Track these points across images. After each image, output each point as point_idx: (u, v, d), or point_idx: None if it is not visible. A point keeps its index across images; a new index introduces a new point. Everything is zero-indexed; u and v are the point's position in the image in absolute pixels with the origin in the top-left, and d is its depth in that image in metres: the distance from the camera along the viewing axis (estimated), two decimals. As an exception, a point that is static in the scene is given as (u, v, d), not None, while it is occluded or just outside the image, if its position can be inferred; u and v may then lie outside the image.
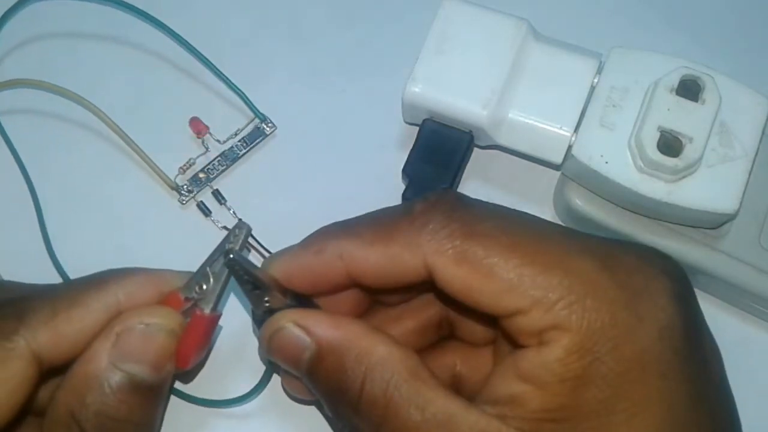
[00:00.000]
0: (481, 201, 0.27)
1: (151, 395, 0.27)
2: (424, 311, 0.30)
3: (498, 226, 0.25)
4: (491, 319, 0.26)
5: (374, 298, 0.30)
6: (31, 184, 0.36)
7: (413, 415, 0.24)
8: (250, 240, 0.35)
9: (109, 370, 0.26)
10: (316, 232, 0.28)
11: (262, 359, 0.33)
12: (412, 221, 0.26)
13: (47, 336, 0.26)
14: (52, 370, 0.27)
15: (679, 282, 0.26)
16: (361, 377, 0.25)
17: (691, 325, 0.25)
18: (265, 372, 0.32)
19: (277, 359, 0.27)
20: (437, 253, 0.25)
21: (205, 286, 0.28)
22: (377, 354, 0.25)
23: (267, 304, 0.27)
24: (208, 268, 0.29)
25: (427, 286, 0.26)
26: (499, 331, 0.27)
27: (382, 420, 0.24)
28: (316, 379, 0.26)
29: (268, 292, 0.27)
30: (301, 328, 0.26)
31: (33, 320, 0.26)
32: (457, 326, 0.31)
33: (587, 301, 0.24)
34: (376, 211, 0.28)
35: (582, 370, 0.24)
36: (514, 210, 0.27)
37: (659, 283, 0.25)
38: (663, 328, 0.24)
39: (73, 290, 0.27)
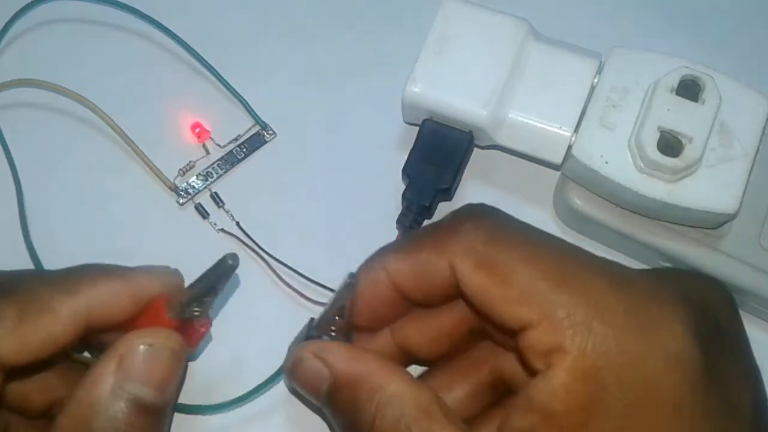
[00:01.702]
0: (510, 216, 0.28)
1: (156, 417, 0.27)
2: (458, 315, 0.30)
3: (521, 238, 0.26)
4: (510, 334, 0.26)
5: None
6: (18, 180, 0.36)
7: None
8: (247, 240, 0.35)
9: (114, 393, 0.26)
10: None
11: (285, 383, 0.33)
12: (442, 229, 0.27)
13: (12, 344, 0.25)
14: (14, 373, 0.26)
15: (703, 311, 0.25)
16: (372, 412, 0.25)
17: (716, 357, 0.24)
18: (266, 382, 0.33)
19: (297, 387, 0.28)
20: (461, 256, 0.26)
21: (197, 309, 0.28)
22: (390, 390, 0.25)
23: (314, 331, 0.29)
24: (211, 286, 0.28)
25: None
26: (517, 352, 0.27)
27: None
28: (333, 408, 0.27)
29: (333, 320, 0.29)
30: (320, 359, 0.27)
31: None
32: (489, 334, 0.30)
33: (594, 323, 0.23)
34: (420, 228, 0.29)
35: (587, 399, 0.23)
36: (541, 229, 0.27)
37: (676, 312, 0.24)
38: (677, 359, 0.23)
39: (42, 291, 0.26)
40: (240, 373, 0.33)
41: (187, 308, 0.28)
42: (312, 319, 0.33)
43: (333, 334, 0.32)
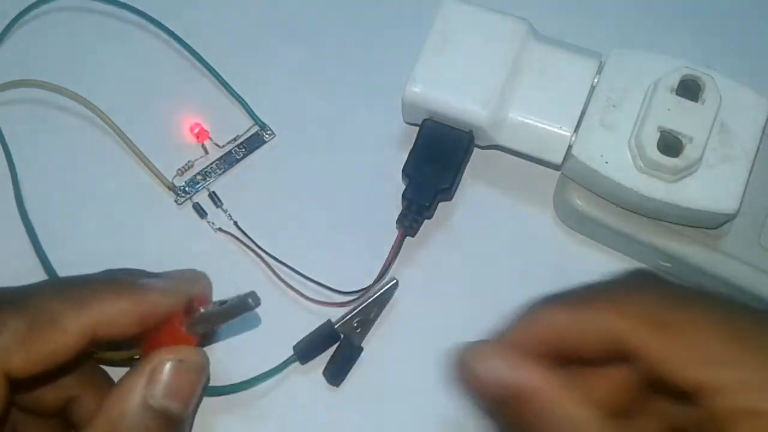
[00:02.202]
0: (677, 282, 0.27)
1: (180, 428, 0.28)
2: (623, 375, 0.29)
3: (697, 300, 0.25)
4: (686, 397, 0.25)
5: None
6: (17, 179, 0.36)
7: None
8: (245, 240, 0.35)
9: (144, 406, 0.26)
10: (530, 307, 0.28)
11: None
12: (612, 287, 0.26)
13: (20, 355, 0.25)
14: (21, 384, 0.26)
15: None
16: (552, 427, 0.24)
17: None
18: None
19: (469, 384, 0.27)
20: (636, 317, 0.25)
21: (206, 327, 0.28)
22: (568, 408, 0.25)
23: None
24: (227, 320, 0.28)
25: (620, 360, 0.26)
26: (697, 411, 0.26)
27: None
28: (505, 414, 0.26)
29: None
30: (503, 361, 0.26)
31: (7, 340, 0.25)
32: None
33: None
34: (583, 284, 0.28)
35: None
36: (710, 292, 0.27)
37: None
38: None
39: (53, 305, 0.26)
40: (238, 373, 0.33)
41: (199, 331, 0.28)
42: (329, 321, 0.33)
43: (358, 331, 0.33)
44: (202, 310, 0.28)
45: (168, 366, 0.27)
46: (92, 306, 0.27)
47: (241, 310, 0.27)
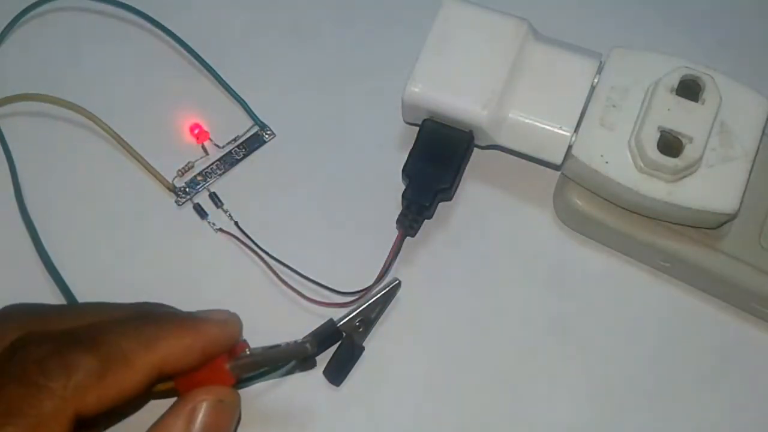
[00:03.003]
0: None
1: None
2: None
3: None
4: None
5: None
6: (18, 182, 0.36)
7: None
8: (245, 240, 0.35)
9: None
10: None
11: None
12: None
13: (92, 396, 0.26)
14: (84, 423, 0.26)
15: None
16: None
17: None
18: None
19: None
20: None
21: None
22: None
23: None
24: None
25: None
26: None
27: None
28: None
29: None
30: None
31: (82, 379, 0.25)
32: None
33: None
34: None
35: None
36: None
37: None
38: None
39: (122, 344, 0.27)
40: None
41: (243, 372, 0.29)
42: (331, 320, 0.33)
43: (360, 330, 0.33)
44: (248, 352, 0.28)
45: (208, 406, 0.27)
46: (160, 344, 0.27)
47: (294, 356, 0.28)
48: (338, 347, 0.34)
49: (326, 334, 0.33)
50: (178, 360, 0.27)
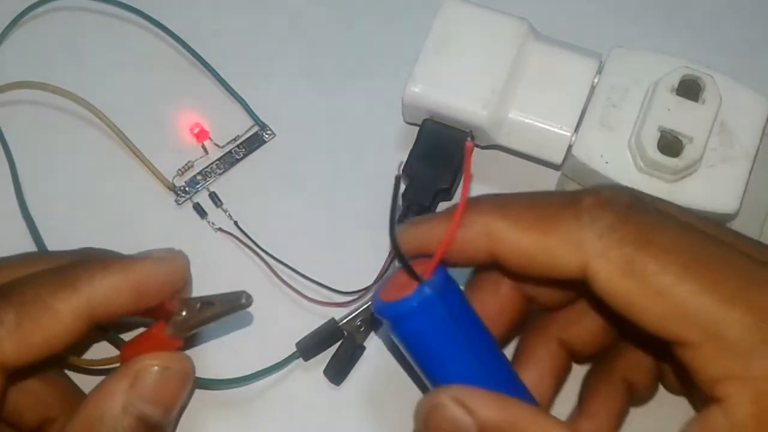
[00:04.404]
0: (661, 203, 0.25)
1: None
2: (589, 319, 0.27)
3: (677, 241, 0.23)
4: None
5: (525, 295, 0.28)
6: (17, 179, 0.36)
7: None
8: (245, 239, 0.35)
9: (124, 410, 0.26)
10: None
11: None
12: (577, 215, 0.23)
13: (12, 346, 0.25)
14: (18, 374, 0.26)
15: None
16: None
17: None
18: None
19: None
20: (602, 257, 0.22)
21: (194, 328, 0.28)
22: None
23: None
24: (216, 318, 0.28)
25: (577, 285, 0.24)
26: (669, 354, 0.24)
27: None
28: None
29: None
30: (462, 406, 0.24)
31: None
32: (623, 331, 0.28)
33: None
34: (536, 193, 0.25)
35: None
36: (697, 219, 0.24)
37: None
38: None
39: (42, 291, 0.26)
40: (237, 373, 0.33)
41: (184, 334, 0.28)
42: (333, 319, 0.33)
43: (361, 330, 0.33)
44: (183, 313, 0.27)
45: (152, 372, 0.26)
46: (83, 286, 0.26)
47: (231, 311, 0.27)
48: (339, 347, 0.34)
49: (327, 334, 0.33)
50: (107, 302, 0.26)
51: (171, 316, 0.27)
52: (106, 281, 0.26)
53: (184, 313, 0.27)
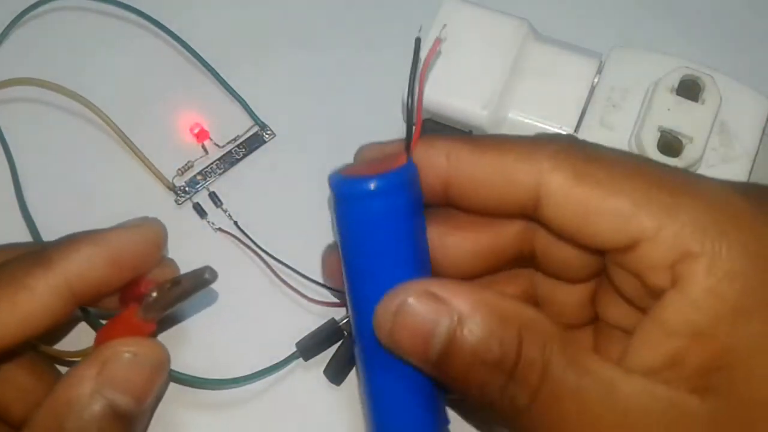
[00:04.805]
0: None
1: (129, 425, 0.27)
2: (508, 232, 0.27)
3: (620, 157, 0.24)
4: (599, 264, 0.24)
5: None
6: (17, 178, 0.36)
7: (570, 378, 0.22)
8: (245, 239, 0.35)
9: (92, 397, 0.25)
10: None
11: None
12: (532, 141, 0.24)
13: None
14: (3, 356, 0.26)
15: None
16: (516, 340, 0.22)
17: None
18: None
19: (399, 344, 0.23)
20: (555, 170, 0.23)
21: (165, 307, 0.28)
22: (527, 316, 0.23)
23: None
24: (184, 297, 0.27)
25: (521, 226, 0.25)
26: (614, 273, 0.24)
27: (539, 384, 0.22)
28: (456, 355, 0.22)
29: None
30: (434, 300, 0.23)
31: None
32: (545, 260, 0.27)
33: (725, 225, 0.21)
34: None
35: (737, 299, 0.21)
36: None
37: None
38: None
39: (16, 269, 0.26)
40: (238, 373, 0.33)
41: (155, 317, 0.28)
42: (333, 319, 0.33)
43: None
44: (154, 294, 0.27)
45: (122, 359, 0.26)
46: (57, 261, 0.26)
47: (197, 287, 0.26)
48: (338, 347, 0.34)
49: (327, 334, 0.33)
50: (83, 275, 0.26)
51: (142, 300, 0.27)
52: (80, 254, 0.26)
53: (154, 295, 0.27)
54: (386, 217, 0.24)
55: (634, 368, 0.22)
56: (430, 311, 0.23)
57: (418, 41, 0.25)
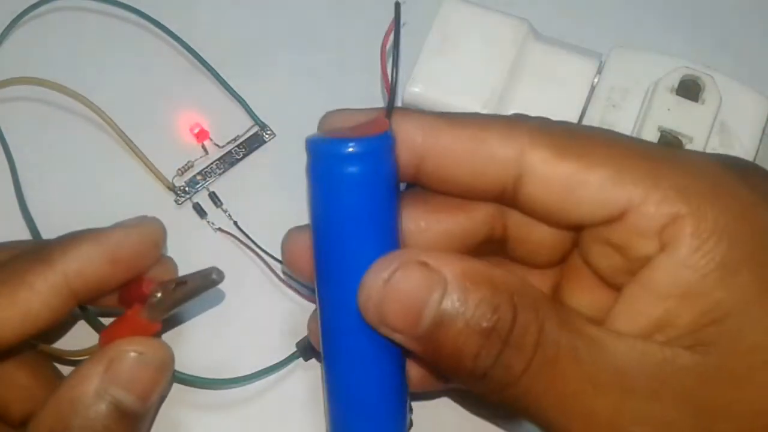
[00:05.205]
0: None
1: (134, 423, 0.27)
2: (479, 218, 0.26)
3: (598, 131, 0.24)
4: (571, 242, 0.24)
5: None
6: (17, 177, 0.36)
7: (564, 340, 0.22)
8: (245, 239, 0.35)
9: (97, 395, 0.26)
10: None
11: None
12: (509, 119, 0.24)
13: None
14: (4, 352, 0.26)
15: None
16: (510, 305, 0.22)
17: None
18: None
19: (388, 316, 0.22)
20: (536, 146, 0.23)
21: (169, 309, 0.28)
22: (517, 282, 0.22)
23: None
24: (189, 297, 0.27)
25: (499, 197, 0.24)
26: (590, 251, 0.24)
27: (535, 348, 0.22)
28: (449, 325, 0.22)
29: None
30: (425, 268, 0.22)
31: None
32: (516, 244, 0.27)
33: (709, 189, 0.22)
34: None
35: (724, 255, 0.21)
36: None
37: None
38: None
39: (16, 267, 0.26)
40: (237, 373, 0.33)
41: (160, 316, 0.28)
42: None
43: None
44: (159, 294, 0.27)
45: (127, 358, 0.26)
46: (57, 259, 0.26)
47: (203, 288, 0.27)
48: None
49: None
50: (83, 273, 0.26)
51: (147, 299, 0.27)
52: (79, 252, 0.26)
53: (159, 295, 0.27)
54: (371, 182, 0.23)
55: (624, 333, 0.22)
56: (423, 280, 0.22)
57: (397, 6, 0.25)
